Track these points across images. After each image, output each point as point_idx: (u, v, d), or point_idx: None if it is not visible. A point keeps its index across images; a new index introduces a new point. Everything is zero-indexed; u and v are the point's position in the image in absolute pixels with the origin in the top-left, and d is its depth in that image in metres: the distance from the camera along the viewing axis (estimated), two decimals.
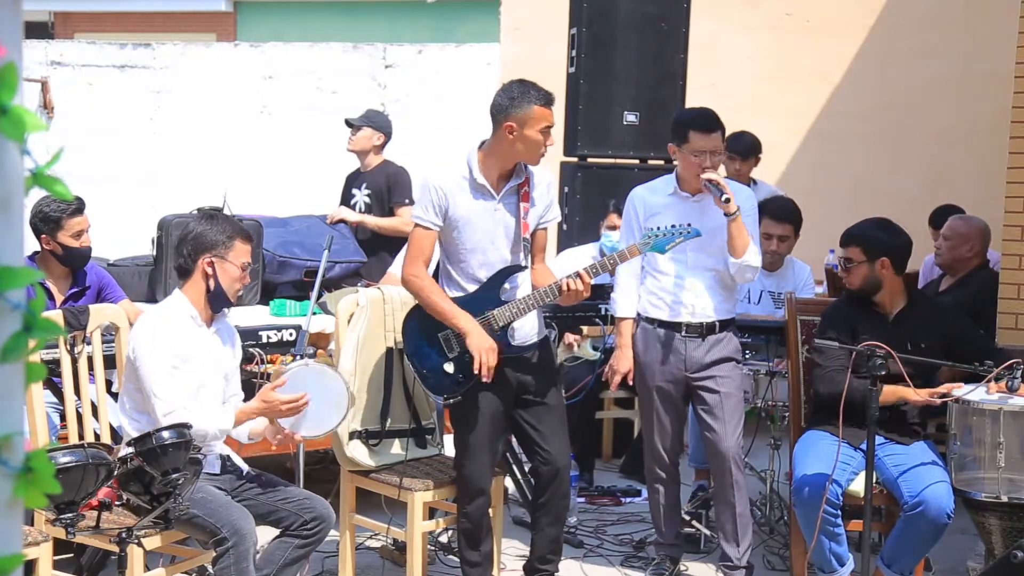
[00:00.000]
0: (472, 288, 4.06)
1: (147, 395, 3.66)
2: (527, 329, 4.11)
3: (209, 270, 3.79)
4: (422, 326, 4.09)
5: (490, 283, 4.05)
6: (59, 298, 4.72)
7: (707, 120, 4.44)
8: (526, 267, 4.10)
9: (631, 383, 4.56)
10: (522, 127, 3.95)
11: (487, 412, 4.08)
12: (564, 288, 3.96)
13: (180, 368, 3.71)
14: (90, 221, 4.81)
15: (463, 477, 4.14)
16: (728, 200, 4.25)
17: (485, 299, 4.03)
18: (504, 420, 4.18)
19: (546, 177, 4.19)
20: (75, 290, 4.79)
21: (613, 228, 5.69)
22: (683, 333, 4.49)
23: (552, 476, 4.17)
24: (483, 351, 3.92)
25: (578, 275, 3.97)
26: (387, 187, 6.50)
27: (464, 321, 3.96)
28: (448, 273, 4.12)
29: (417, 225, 4.06)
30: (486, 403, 4.07)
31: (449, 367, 4.04)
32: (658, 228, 4.18)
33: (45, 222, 4.66)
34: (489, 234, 4.03)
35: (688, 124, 4.45)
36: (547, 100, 3.99)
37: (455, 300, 4.03)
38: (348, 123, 6.58)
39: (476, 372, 3.93)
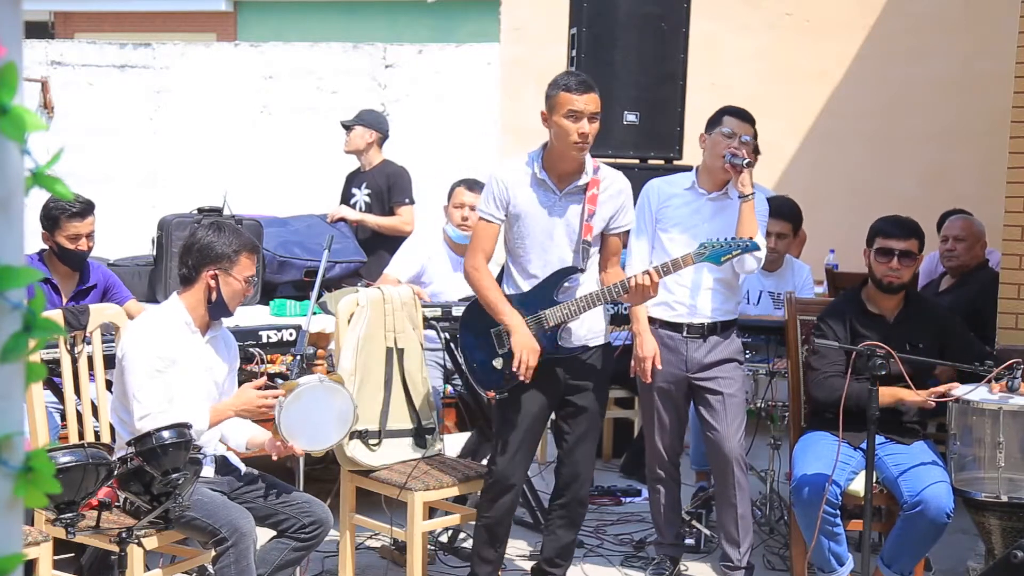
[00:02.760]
0: (528, 286, 4.04)
1: (128, 397, 3.66)
2: (582, 332, 4.06)
3: (212, 283, 3.78)
4: (478, 319, 4.07)
5: (546, 283, 4.01)
6: (66, 295, 4.72)
7: (743, 111, 4.50)
8: (584, 270, 4.02)
9: (660, 366, 4.49)
10: (551, 113, 3.92)
11: (530, 411, 4.05)
12: (631, 285, 3.91)
13: (164, 372, 3.68)
14: (94, 225, 4.80)
15: (496, 472, 4.10)
16: (749, 163, 4.25)
17: (539, 298, 3.99)
18: (547, 419, 4.18)
19: (621, 182, 4.08)
20: (81, 288, 4.82)
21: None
22: (684, 333, 4.49)
23: (571, 479, 4.16)
24: (524, 350, 3.89)
25: (647, 273, 3.92)
26: (387, 186, 6.50)
27: (510, 318, 3.94)
28: (509, 269, 4.10)
29: (480, 218, 4.05)
30: (531, 402, 4.05)
31: (498, 363, 4.02)
32: (717, 239, 4.10)
33: (46, 219, 4.68)
34: (548, 231, 3.99)
35: (724, 111, 4.49)
36: (576, 85, 3.89)
37: (510, 297, 4.01)
38: (343, 125, 6.61)
39: (514, 370, 3.91)
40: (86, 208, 4.73)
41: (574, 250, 4.01)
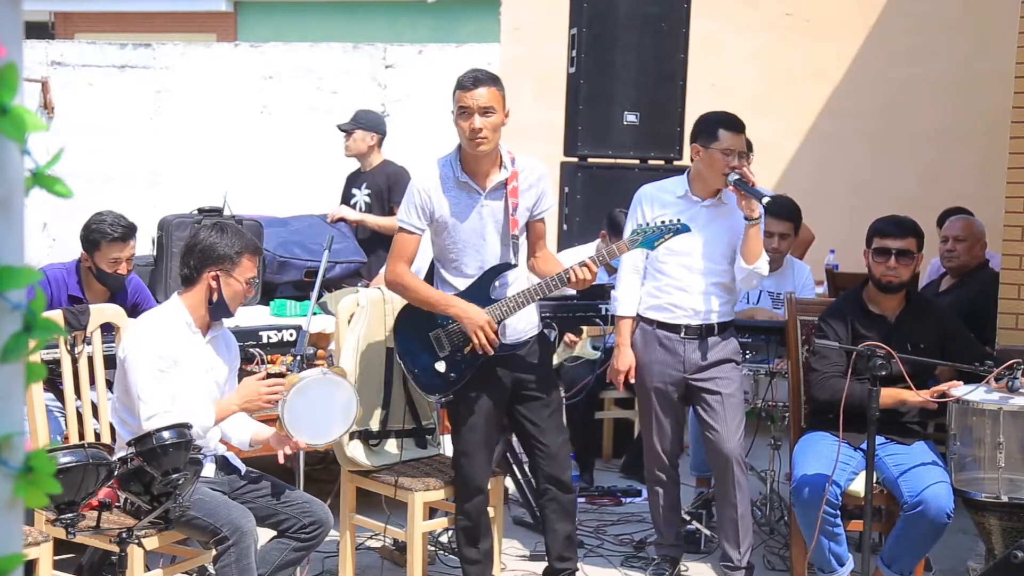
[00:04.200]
0: (463, 287, 4.04)
1: (133, 398, 3.66)
2: (520, 326, 4.10)
3: (214, 284, 3.78)
4: (412, 326, 4.09)
5: (479, 281, 4.03)
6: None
7: (735, 121, 4.43)
8: (516, 265, 4.07)
9: (632, 381, 4.55)
10: (455, 115, 3.97)
11: (482, 410, 4.07)
12: (572, 277, 3.92)
13: (167, 372, 3.69)
14: (135, 248, 4.75)
15: (460, 476, 4.15)
16: (761, 197, 4.22)
17: (474, 297, 4.00)
18: (500, 418, 4.18)
19: (538, 169, 4.12)
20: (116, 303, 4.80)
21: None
22: (682, 335, 4.48)
23: (549, 466, 4.17)
24: (476, 326, 3.91)
25: (585, 265, 3.92)
26: (387, 187, 6.51)
27: (451, 301, 3.96)
28: (440, 274, 4.11)
29: (400, 228, 4.05)
30: (480, 401, 4.07)
31: (440, 366, 4.03)
32: (647, 224, 4.16)
33: (87, 240, 4.63)
34: (478, 231, 4.01)
35: (719, 123, 4.41)
36: (466, 82, 3.93)
37: None
38: (340, 129, 6.60)
39: (475, 351, 3.92)
40: (127, 232, 4.67)
41: (503, 245, 4.04)
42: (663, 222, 4.13)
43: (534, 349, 4.17)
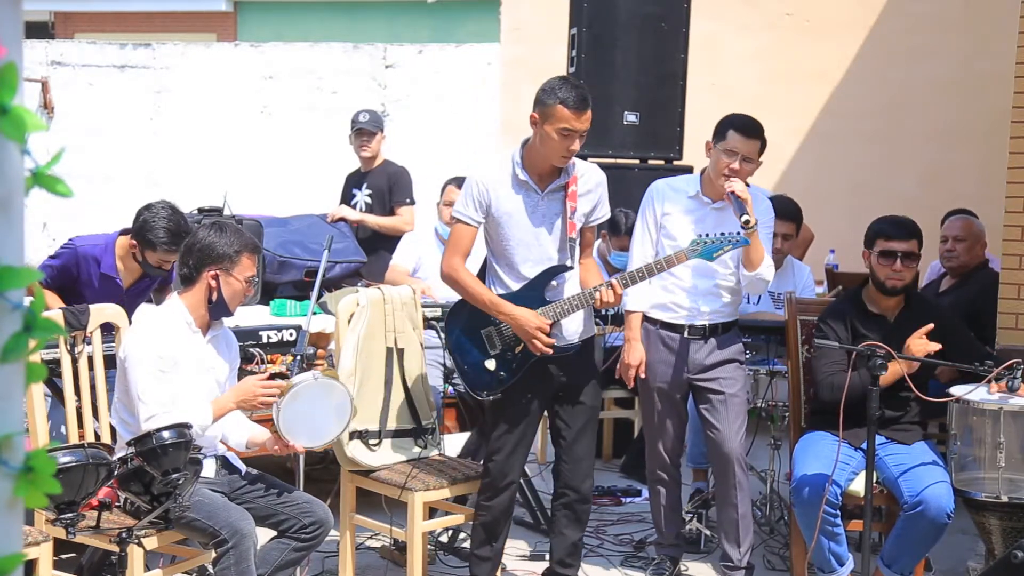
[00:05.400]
0: (517, 286, 4.02)
1: (133, 398, 3.67)
2: (572, 328, 4.07)
3: (213, 283, 3.78)
4: (465, 322, 4.06)
5: (535, 282, 4.01)
6: (127, 284, 4.76)
7: (750, 125, 4.38)
8: (572, 267, 4.04)
9: (643, 375, 4.52)
10: (543, 120, 3.89)
11: (525, 409, 4.06)
12: (598, 299, 3.92)
13: (168, 372, 3.69)
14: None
15: (493, 470, 4.11)
16: (747, 221, 4.16)
17: (529, 297, 3.98)
18: (540, 417, 4.18)
19: (596, 175, 4.10)
20: (145, 283, 4.84)
21: (623, 250, 5.65)
22: (686, 335, 4.48)
23: (573, 475, 4.15)
24: (532, 330, 3.89)
25: (610, 284, 3.94)
26: (388, 187, 6.52)
27: (508, 308, 3.93)
28: (494, 270, 4.08)
29: (457, 220, 4.03)
30: (526, 401, 4.05)
31: (491, 364, 4.01)
32: (707, 235, 4.12)
33: (141, 236, 4.60)
34: (533, 230, 3.99)
35: (730, 124, 4.38)
36: (575, 103, 3.83)
37: (500, 297, 4.00)
38: (362, 130, 6.59)
39: (531, 354, 3.92)
40: (179, 241, 4.63)
41: (559, 248, 4.02)
42: (723, 233, 4.11)
43: (587, 352, 4.14)
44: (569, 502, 4.18)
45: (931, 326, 4.10)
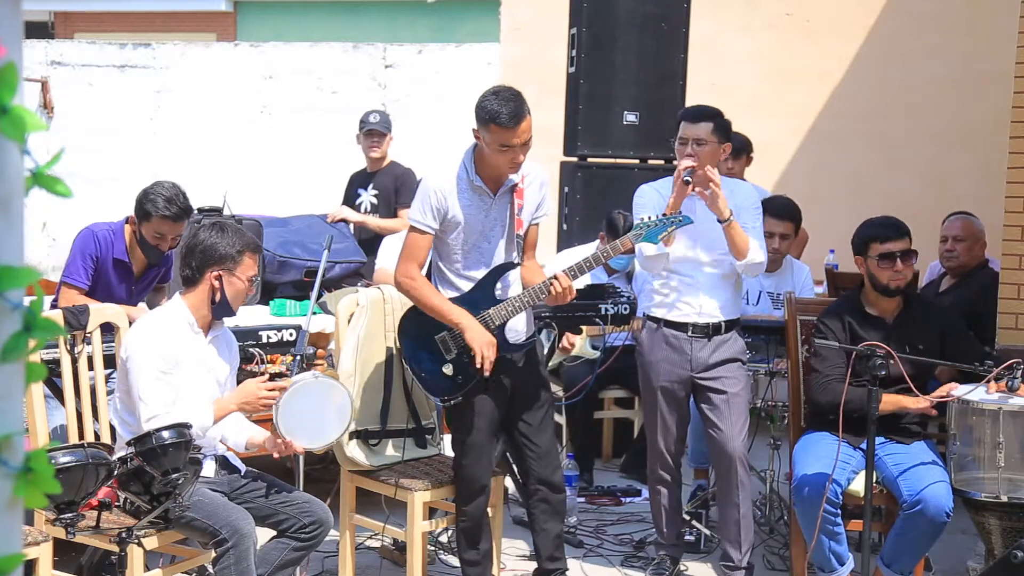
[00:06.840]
0: (467, 287, 4.05)
1: (134, 399, 3.67)
2: (520, 328, 4.12)
3: (216, 283, 3.78)
4: (418, 328, 4.08)
5: (484, 282, 4.04)
6: (137, 272, 4.79)
7: (693, 111, 4.48)
8: (519, 264, 4.09)
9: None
10: (483, 137, 3.91)
11: (485, 412, 4.08)
12: (552, 291, 3.95)
13: (170, 373, 3.69)
14: (183, 229, 4.73)
15: (463, 476, 4.14)
16: (719, 220, 4.20)
17: (480, 298, 4.01)
18: (501, 418, 4.18)
19: (540, 175, 4.14)
20: (154, 271, 4.87)
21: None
22: (689, 333, 4.48)
23: (542, 467, 4.17)
24: (482, 345, 3.91)
25: (555, 278, 3.94)
26: (395, 188, 6.52)
27: (460, 317, 3.95)
28: (442, 273, 4.09)
29: (412, 228, 4.04)
30: (485, 403, 4.07)
31: (447, 369, 4.03)
32: (648, 218, 4.14)
33: (140, 208, 4.62)
34: (484, 233, 4.02)
35: (680, 116, 4.49)
36: (507, 119, 3.78)
37: (450, 300, 4.02)
38: (372, 131, 6.58)
39: (478, 368, 3.92)
40: (181, 213, 4.63)
41: (507, 247, 4.06)
42: (664, 215, 4.14)
43: (532, 350, 4.19)
44: (544, 496, 4.20)
45: (955, 386, 4.09)
